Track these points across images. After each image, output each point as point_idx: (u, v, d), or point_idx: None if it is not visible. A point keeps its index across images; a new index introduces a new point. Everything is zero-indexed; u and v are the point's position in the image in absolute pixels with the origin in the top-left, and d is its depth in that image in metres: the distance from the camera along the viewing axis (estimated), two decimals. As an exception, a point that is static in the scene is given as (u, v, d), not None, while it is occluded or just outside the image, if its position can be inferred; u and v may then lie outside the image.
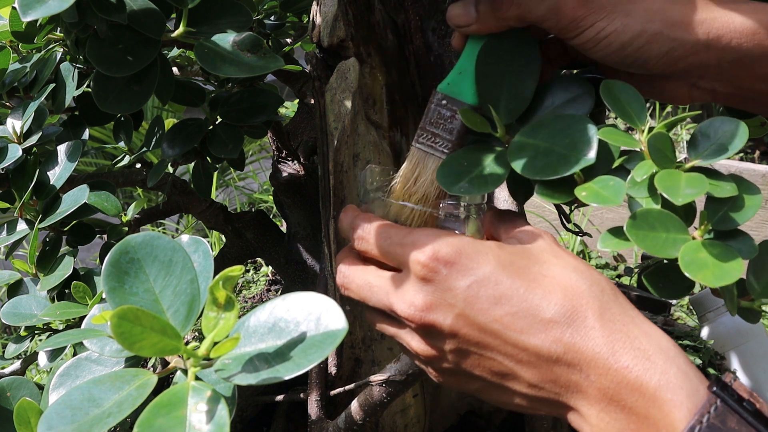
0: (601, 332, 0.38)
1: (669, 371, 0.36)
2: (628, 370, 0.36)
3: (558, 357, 0.38)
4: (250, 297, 1.55)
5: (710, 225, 0.40)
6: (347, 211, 0.49)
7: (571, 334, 0.38)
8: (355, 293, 0.46)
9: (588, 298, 0.39)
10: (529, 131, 0.46)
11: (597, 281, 0.40)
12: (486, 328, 0.40)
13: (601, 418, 0.37)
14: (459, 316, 0.41)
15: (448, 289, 0.41)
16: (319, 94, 0.67)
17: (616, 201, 0.40)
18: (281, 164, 0.91)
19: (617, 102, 0.44)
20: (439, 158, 0.49)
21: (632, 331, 0.38)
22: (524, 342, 0.39)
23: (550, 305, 0.39)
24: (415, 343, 0.44)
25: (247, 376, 0.34)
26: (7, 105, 0.68)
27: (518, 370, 0.40)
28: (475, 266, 0.41)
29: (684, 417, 0.35)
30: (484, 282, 0.40)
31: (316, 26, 0.66)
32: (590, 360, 0.37)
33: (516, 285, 0.40)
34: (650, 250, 0.39)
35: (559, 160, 0.43)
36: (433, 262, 0.41)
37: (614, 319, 0.38)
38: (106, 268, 0.38)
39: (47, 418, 0.34)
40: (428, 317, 0.41)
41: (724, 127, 0.42)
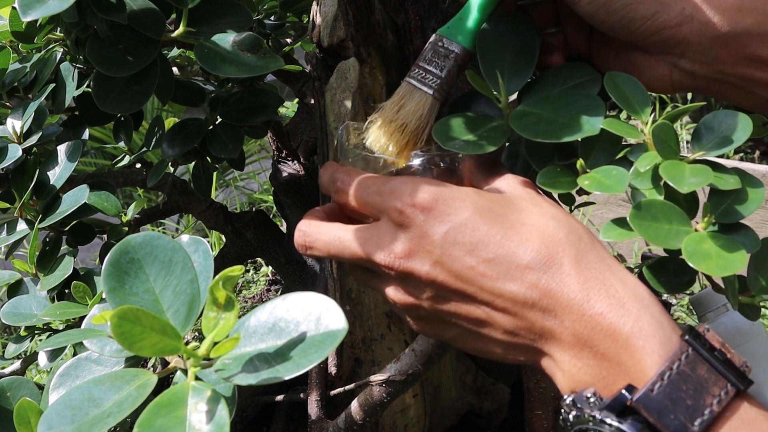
0: (576, 279, 0.38)
1: (642, 319, 0.36)
2: (601, 317, 0.37)
3: (533, 302, 0.38)
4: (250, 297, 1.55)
5: (713, 217, 0.41)
6: (326, 167, 0.49)
7: (546, 279, 0.38)
8: (323, 250, 0.46)
9: (565, 245, 0.39)
10: (533, 103, 0.47)
11: (575, 229, 0.40)
12: (462, 275, 0.40)
13: (573, 363, 0.38)
14: (436, 263, 0.41)
15: (425, 236, 0.41)
16: (319, 94, 0.67)
17: (619, 189, 0.40)
18: (281, 164, 0.91)
19: (620, 92, 0.44)
20: (425, 92, 0.50)
21: (608, 278, 0.38)
22: (500, 288, 0.39)
23: (527, 251, 0.39)
24: (392, 292, 0.44)
25: (247, 376, 0.34)
26: (7, 105, 0.68)
27: (494, 317, 0.40)
28: (452, 212, 0.41)
29: (655, 363, 0.35)
30: (461, 228, 0.40)
31: (316, 26, 0.66)
32: (565, 305, 0.38)
33: (493, 231, 0.40)
34: (653, 241, 0.39)
35: (562, 127, 0.43)
36: (410, 208, 0.41)
37: (590, 266, 0.39)
38: (106, 268, 0.38)
39: (47, 418, 0.34)
40: (406, 264, 0.41)
41: (728, 120, 0.43)
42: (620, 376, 0.36)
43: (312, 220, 0.47)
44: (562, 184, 0.44)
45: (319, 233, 0.46)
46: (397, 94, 0.51)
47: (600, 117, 0.43)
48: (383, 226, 0.43)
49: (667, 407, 0.34)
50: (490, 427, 0.91)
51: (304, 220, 0.47)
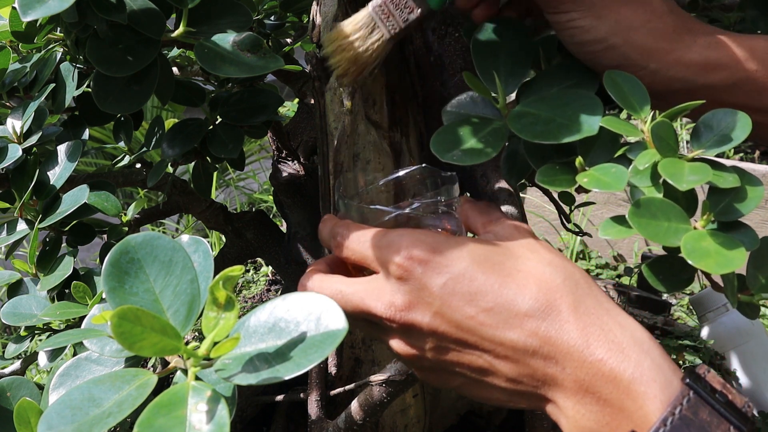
0: (575, 325, 0.38)
1: (643, 363, 0.36)
2: (602, 363, 0.37)
3: (534, 350, 0.39)
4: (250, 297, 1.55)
5: (713, 215, 0.41)
6: (326, 221, 0.50)
7: (546, 327, 0.39)
8: None
9: (562, 292, 0.39)
10: (530, 102, 0.47)
11: (571, 274, 0.41)
12: (463, 325, 0.40)
13: (577, 409, 0.38)
14: (436, 314, 0.41)
15: (424, 288, 0.41)
16: (319, 94, 0.67)
17: (618, 187, 0.40)
18: (281, 164, 0.91)
19: (620, 91, 0.44)
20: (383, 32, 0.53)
21: (606, 323, 0.38)
22: (500, 337, 0.39)
23: (525, 299, 0.39)
24: (396, 344, 0.44)
25: (248, 376, 0.34)
26: (7, 105, 0.68)
27: (497, 365, 0.40)
28: (449, 263, 0.41)
29: (657, 409, 0.35)
30: (459, 279, 0.41)
31: (316, 26, 0.66)
32: (566, 352, 0.38)
33: (490, 281, 0.40)
34: (652, 238, 0.39)
35: (560, 128, 0.44)
36: (407, 261, 0.42)
37: (588, 311, 0.39)
38: (106, 268, 0.38)
39: (47, 418, 0.33)
40: (407, 317, 0.42)
41: (727, 119, 0.43)
42: (624, 421, 0.36)
43: (314, 274, 0.48)
44: (561, 182, 0.44)
45: (321, 288, 0.46)
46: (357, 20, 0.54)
47: (598, 117, 0.43)
48: (383, 279, 0.43)
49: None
50: (490, 427, 0.91)
51: (306, 274, 0.48)
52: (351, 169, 0.66)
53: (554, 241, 2.02)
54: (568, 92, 0.47)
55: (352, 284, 0.45)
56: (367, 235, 0.45)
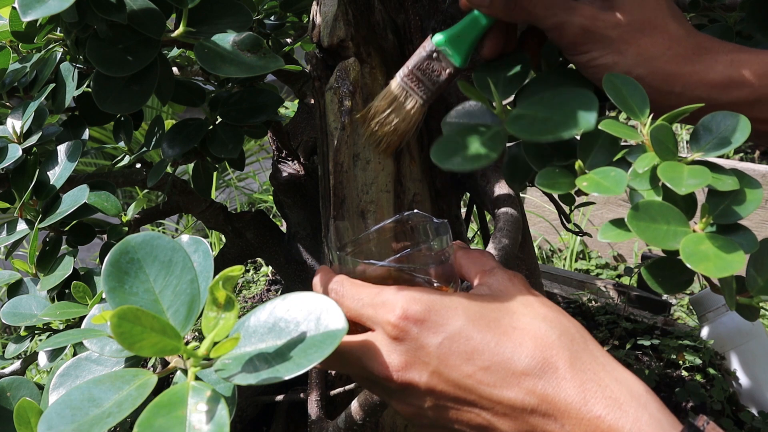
0: (572, 382, 0.38)
1: (641, 419, 0.37)
2: (600, 420, 0.37)
3: (533, 408, 0.39)
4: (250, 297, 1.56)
5: (711, 218, 0.41)
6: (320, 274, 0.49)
7: (543, 385, 0.39)
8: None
9: (558, 348, 0.40)
10: (527, 105, 0.47)
11: (566, 330, 0.41)
12: (460, 384, 0.41)
13: None
14: (434, 374, 0.41)
15: (420, 347, 0.41)
16: (319, 94, 0.67)
17: (617, 191, 0.40)
18: (281, 164, 0.91)
19: (619, 94, 0.44)
20: (416, 99, 0.55)
21: (603, 378, 0.39)
22: (498, 395, 0.40)
23: (521, 358, 0.39)
24: (395, 403, 0.44)
25: (247, 376, 0.34)
26: (7, 105, 0.68)
27: (496, 422, 0.41)
28: (445, 322, 0.41)
29: None
30: (455, 338, 0.41)
31: (316, 26, 0.66)
32: (564, 410, 0.38)
33: (487, 339, 0.40)
34: (651, 242, 0.39)
35: (557, 125, 0.44)
36: (403, 321, 0.42)
37: (585, 367, 0.39)
38: (106, 268, 0.38)
39: (47, 418, 0.33)
40: (404, 376, 0.42)
41: (726, 122, 0.43)
42: None
43: None
44: (561, 185, 0.44)
45: None
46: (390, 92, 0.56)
47: (594, 111, 0.43)
48: (379, 338, 0.43)
49: None
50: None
51: None
52: (351, 169, 0.66)
53: (554, 241, 2.02)
54: (563, 91, 0.47)
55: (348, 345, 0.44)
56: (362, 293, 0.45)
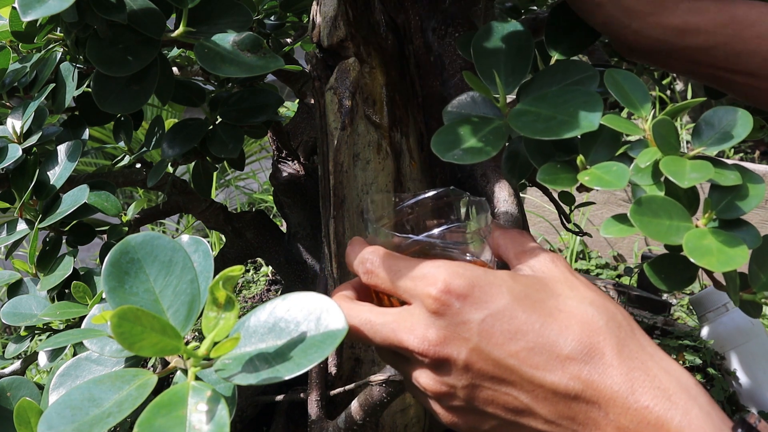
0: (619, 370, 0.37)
1: (691, 412, 0.35)
2: (648, 410, 0.36)
3: (576, 394, 0.38)
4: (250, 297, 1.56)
5: (714, 213, 0.41)
6: (353, 244, 0.48)
7: (589, 371, 0.38)
8: (352, 334, 0.44)
9: (605, 334, 0.38)
10: (531, 101, 0.47)
11: (613, 315, 0.40)
12: (501, 363, 0.39)
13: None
14: (474, 351, 0.40)
15: (462, 323, 0.40)
16: (319, 94, 0.67)
17: (619, 185, 0.40)
18: (281, 164, 0.91)
19: (620, 89, 0.44)
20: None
21: (652, 368, 0.37)
22: (541, 378, 0.38)
23: (567, 341, 0.38)
24: (425, 379, 0.42)
25: (248, 376, 0.34)
26: (7, 105, 0.68)
27: (535, 407, 0.39)
28: (489, 299, 0.40)
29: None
30: (499, 316, 0.39)
31: (316, 26, 0.66)
32: (609, 398, 0.37)
33: (532, 319, 0.39)
34: (654, 237, 0.38)
35: (561, 124, 0.43)
36: (445, 295, 0.40)
37: (632, 356, 0.38)
38: (106, 268, 0.38)
39: (47, 418, 0.33)
40: (442, 351, 0.40)
41: (728, 116, 0.43)
42: None
43: (341, 301, 0.46)
44: (563, 180, 0.44)
45: (349, 316, 0.44)
46: None
47: (598, 112, 0.43)
48: (416, 312, 0.41)
49: None
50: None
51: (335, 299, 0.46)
52: (351, 169, 0.66)
53: (554, 241, 2.02)
54: (568, 89, 0.47)
55: (383, 315, 0.43)
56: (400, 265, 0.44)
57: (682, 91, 2.69)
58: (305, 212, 0.92)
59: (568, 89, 0.47)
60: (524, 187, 1.68)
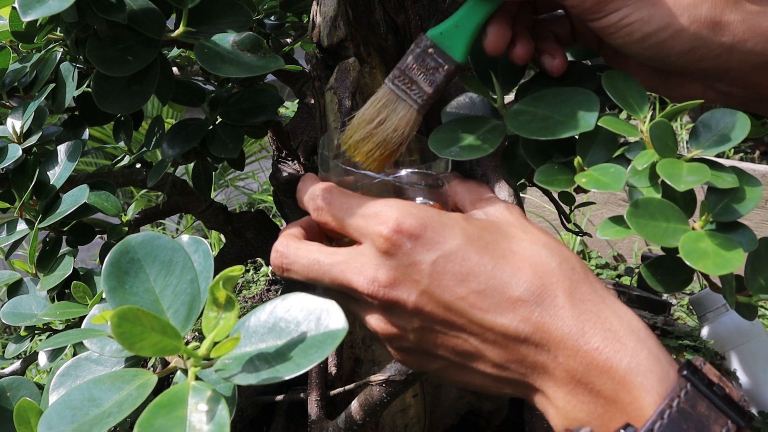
0: (570, 312, 0.37)
1: (640, 354, 0.35)
2: (597, 352, 0.35)
3: (526, 337, 0.37)
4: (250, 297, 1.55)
5: (711, 216, 0.41)
6: (306, 180, 0.46)
7: (539, 313, 0.37)
8: (301, 274, 0.43)
9: (558, 276, 0.38)
10: (528, 101, 0.47)
11: (567, 259, 0.39)
12: (451, 306, 0.38)
13: (567, 400, 0.36)
14: (424, 293, 0.39)
15: (412, 264, 0.39)
16: (319, 94, 0.67)
17: (616, 187, 0.40)
18: (281, 164, 0.91)
19: (618, 91, 0.44)
20: (410, 106, 0.46)
21: (603, 311, 0.37)
22: (491, 321, 0.38)
23: (519, 283, 0.37)
24: (375, 321, 0.42)
25: (248, 376, 0.34)
26: (7, 105, 0.68)
27: (484, 350, 0.39)
28: (441, 240, 0.39)
29: (654, 401, 0.34)
30: (451, 257, 0.38)
31: (316, 26, 0.66)
32: (559, 340, 0.36)
33: (484, 261, 0.38)
34: (650, 239, 0.38)
35: (557, 124, 0.43)
36: (396, 234, 0.39)
37: (584, 298, 0.37)
38: (106, 268, 0.38)
39: (47, 418, 0.33)
40: (392, 293, 0.39)
41: (726, 119, 0.43)
42: (617, 414, 0.35)
43: (290, 240, 0.44)
44: (560, 181, 0.44)
45: (297, 255, 0.43)
46: (378, 99, 0.47)
47: (595, 113, 0.43)
48: (366, 251, 0.40)
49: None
50: (490, 427, 0.91)
51: (281, 239, 0.45)
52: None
53: (554, 241, 2.01)
54: (566, 90, 0.47)
55: (332, 255, 0.42)
56: (352, 203, 0.42)
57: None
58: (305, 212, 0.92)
59: (566, 90, 0.47)
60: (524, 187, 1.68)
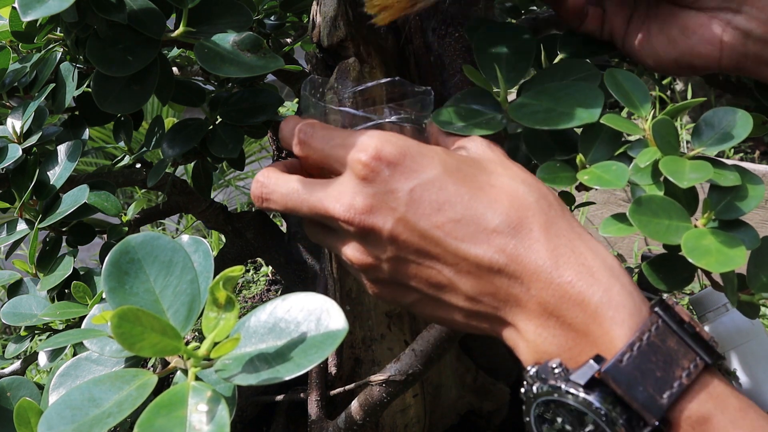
0: (545, 245, 0.37)
1: (612, 289, 0.35)
2: (570, 285, 0.35)
3: (499, 268, 0.37)
4: (250, 297, 1.56)
5: (713, 214, 0.41)
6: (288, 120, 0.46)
7: (514, 245, 0.37)
8: (279, 203, 0.43)
9: (535, 210, 0.38)
10: (531, 95, 0.47)
11: (545, 194, 0.39)
12: (426, 235, 0.38)
13: (538, 333, 0.36)
14: (399, 221, 0.39)
15: (389, 192, 0.39)
16: (319, 94, 0.67)
17: (618, 184, 0.40)
18: (281, 164, 0.91)
19: (621, 88, 0.45)
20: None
21: (578, 246, 0.37)
22: (465, 251, 0.38)
23: (495, 214, 0.37)
24: (351, 251, 0.42)
25: (248, 376, 0.34)
26: (7, 105, 0.68)
27: (457, 281, 0.39)
28: (419, 168, 0.39)
29: (624, 334, 0.34)
30: (428, 186, 0.38)
31: (316, 26, 0.66)
32: (532, 272, 0.36)
33: (461, 191, 0.38)
34: (653, 236, 0.39)
35: (561, 116, 0.44)
36: (374, 161, 0.39)
37: (560, 233, 0.37)
38: (107, 268, 0.38)
39: (47, 418, 0.33)
40: (368, 220, 0.39)
41: (728, 117, 0.43)
42: (587, 346, 0.35)
43: (270, 171, 0.44)
44: (562, 179, 0.44)
45: (276, 185, 0.43)
46: None
47: (598, 106, 0.43)
48: (345, 180, 0.40)
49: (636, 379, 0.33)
50: (490, 427, 0.91)
51: (263, 171, 0.45)
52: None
53: (554, 241, 2.01)
54: (569, 84, 0.47)
55: (310, 184, 0.42)
56: (333, 134, 0.42)
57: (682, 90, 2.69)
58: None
59: (569, 84, 0.47)
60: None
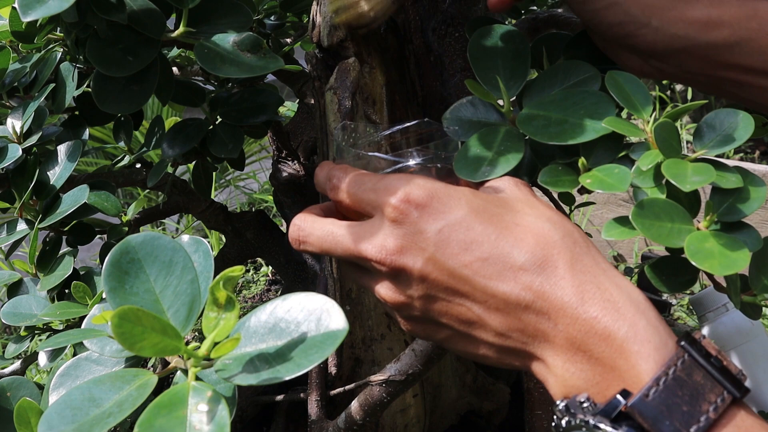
0: (571, 282, 0.37)
1: (638, 323, 0.36)
2: (596, 320, 0.36)
3: (527, 304, 0.38)
4: (250, 297, 1.56)
5: (716, 216, 0.41)
6: (323, 165, 0.49)
7: (540, 282, 0.38)
8: (316, 245, 0.46)
9: (560, 248, 0.39)
10: (537, 105, 0.47)
11: (570, 232, 0.40)
12: (455, 273, 0.40)
13: (566, 368, 0.37)
14: (429, 260, 0.40)
15: (419, 232, 0.40)
16: (319, 94, 0.67)
17: (621, 188, 0.41)
18: (281, 164, 0.91)
19: (622, 91, 0.44)
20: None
21: (603, 282, 0.38)
22: (493, 288, 0.39)
23: (521, 252, 0.39)
24: (384, 290, 0.43)
25: (248, 376, 0.34)
26: (7, 105, 0.68)
27: (486, 318, 0.40)
28: (447, 210, 0.40)
29: (651, 369, 0.35)
30: (456, 226, 0.40)
31: (316, 26, 0.66)
32: (559, 308, 0.37)
33: (488, 231, 0.40)
34: (656, 239, 0.39)
35: (574, 128, 0.44)
36: (404, 204, 0.41)
37: (585, 270, 0.38)
38: (107, 268, 0.38)
39: (47, 418, 0.33)
40: (399, 260, 0.41)
41: (730, 119, 0.43)
42: (615, 381, 0.36)
43: (307, 215, 0.47)
44: (564, 182, 0.44)
45: (312, 228, 0.46)
46: None
47: (611, 114, 0.43)
48: (377, 222, 0.42)
49: (662, 413, 0.34)
50: (490, 427, 0.91)
51: (299, 215, 0.47)
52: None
53: (554, 241, 2.01)
54: (575, 92, 0.47)
55: (345, 226, 0.44)
56: (364, 179, 0.45)
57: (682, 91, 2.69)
58: (305, 212, 0.92)
59: (574, 91, 0.47)
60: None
